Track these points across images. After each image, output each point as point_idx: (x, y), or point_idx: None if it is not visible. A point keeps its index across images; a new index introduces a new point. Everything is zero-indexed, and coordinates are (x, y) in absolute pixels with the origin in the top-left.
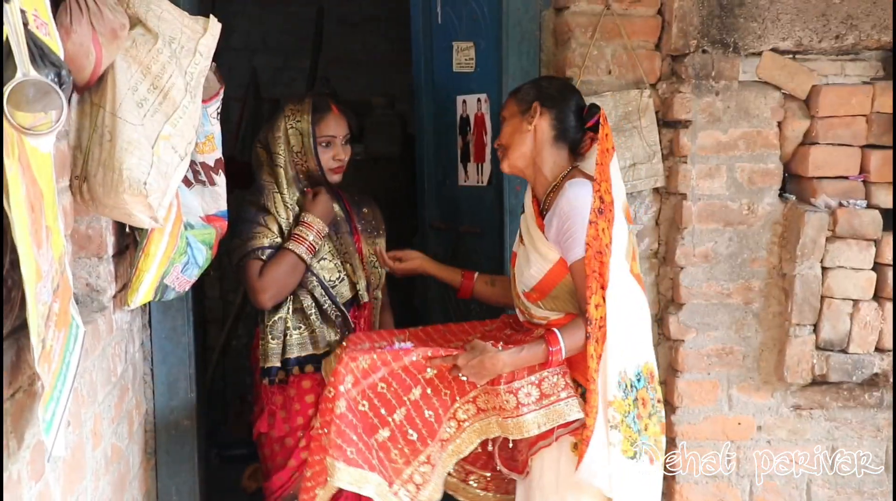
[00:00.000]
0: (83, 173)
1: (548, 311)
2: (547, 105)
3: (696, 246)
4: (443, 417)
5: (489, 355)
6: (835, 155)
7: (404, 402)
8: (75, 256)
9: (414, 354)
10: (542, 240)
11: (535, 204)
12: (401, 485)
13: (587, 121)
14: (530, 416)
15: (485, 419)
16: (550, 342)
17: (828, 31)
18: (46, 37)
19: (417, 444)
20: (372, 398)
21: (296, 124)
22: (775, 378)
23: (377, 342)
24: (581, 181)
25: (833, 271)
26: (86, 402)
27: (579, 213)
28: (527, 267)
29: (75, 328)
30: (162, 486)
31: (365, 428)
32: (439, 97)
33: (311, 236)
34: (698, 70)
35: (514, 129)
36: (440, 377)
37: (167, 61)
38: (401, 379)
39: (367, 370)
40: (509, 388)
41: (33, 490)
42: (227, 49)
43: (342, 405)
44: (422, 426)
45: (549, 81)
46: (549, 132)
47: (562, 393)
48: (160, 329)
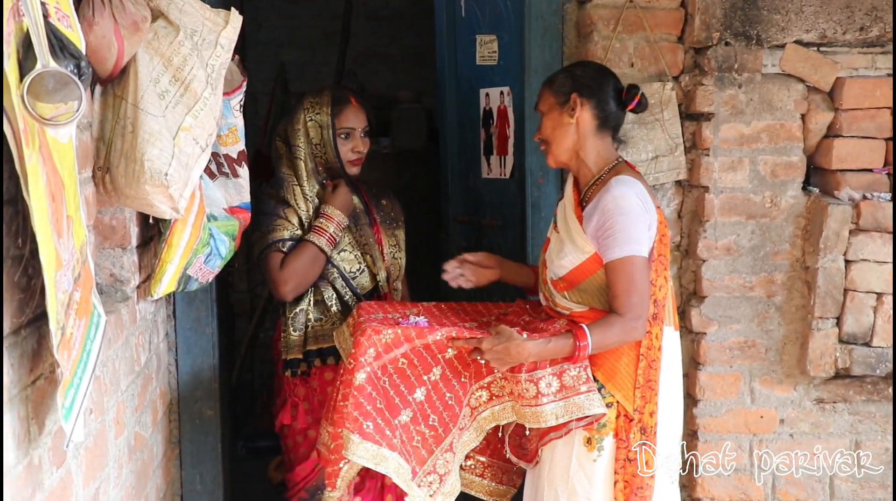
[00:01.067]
0: (106, 164)
1: (573, 303)
2: (586, 95)
3: (718, 239)
4: (463, 400)
5: (515, 342)
6: (859, 148)
7: (424, 382)
8: (99, 246)
9: (438, 332)
10: (579, 232)
11: (575, 193)
12: (423, 476)
13: (628, 103)
14: (549, 406)
15: (497, 406)
16: (578, 337)
17: (852, 22)
18: (68, 29)
19: (440, 429)
20: (392, 373)
21: (315, 117)
22: (798, 372)
23: (390, 312)
24: (626, 180)
25: (856, 264)
26: (108, 390)
27: (623, 212)
28: (559, 256)
29: (97, 317)
30: (186, 475)
31: (387, 406)
32: (463, 90)
33: (331, 227)
34: (721, 62)
35: (555, 123)
36: (459, 359)
37: (189, 54)
38: (422, 357)
39: (390, 345)
40: (531, 377)
41: (55, 476)
42: (255, 43)
43: (361, 376)
44: (443, 409)
45: (583, 67)
46: (592, 122)
47: (582, 387)
48: (184, 320)
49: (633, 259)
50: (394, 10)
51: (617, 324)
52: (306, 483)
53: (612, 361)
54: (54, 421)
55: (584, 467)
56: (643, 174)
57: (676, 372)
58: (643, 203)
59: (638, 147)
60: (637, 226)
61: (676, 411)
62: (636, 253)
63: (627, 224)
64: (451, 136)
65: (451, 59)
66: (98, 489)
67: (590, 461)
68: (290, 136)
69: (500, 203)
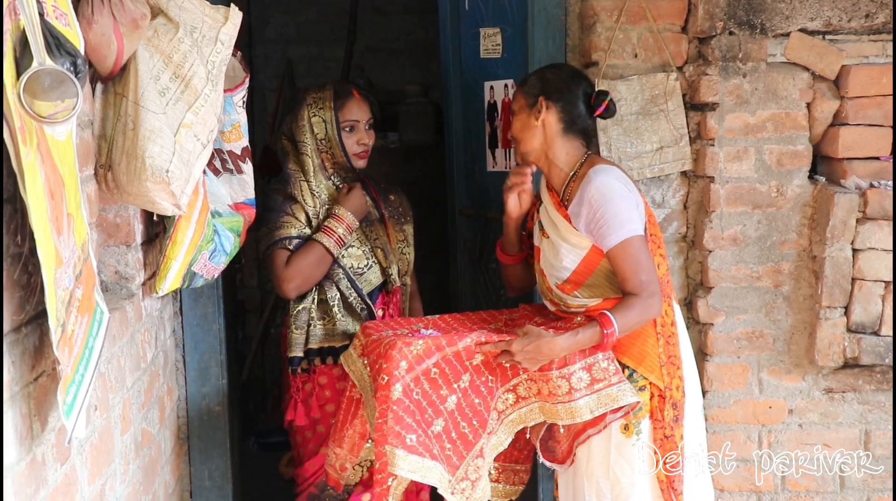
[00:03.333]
0: (107, 162)
1: (585, 299)
2: (552, 99)
3: (724, 229)
4: (490, 405)
5: (546, 340)
6: (865, 136)
7: (455, 390)
8: (104, 244)
9: (467, 338)
10: (570, 230)
11: (552, 194)
12: (456, 483)
13: (595, 109)
14: (583, 401)
15: (524, 407)
16: (604, 325)
17: (857, 10)
18: (66, 27)
19: (470, 436)
20: (424, 384)
21: (318, 112)
22: (806, 361)
23: (396, 329)
24: (603, 168)
25: (864, 253)
26: (114, 387)
27: (609, 199)
28: (556, 259)
29: (99, 314)
30: (195, 471)
31: (422, 417)
32: (467, 84)
33: (340, 229)
34: (725, 52)
35: (523, 124)
36: (485, 364)
37: (189, 50)
38: (452, 365)
39: (421, 355)
40: (562, 373)
41: (58, 473)
42: (262, 40)
43: (398, 389)
44: (473, 416)
45: (554, 71)
46: (557, 125)
47: (612, 378)
48: (191, 316)
49: (632, 240)
50: (400, 5)
51: (636, 304)
52: (316, 479)
53: (638, 344)
54: (57, 418)
55: (624, 453)
56: (647, 166)
57: (687, 346)
58: (625, 185)
59: (643, 138)
60: (626, 208)
61: (695, 383)
62: (633, 233)
63: (616, 209)
64: (456, 129)
65: (455, 52)
66: (104, 485)
67: (629, 446)
68: (294, 132)
69: None
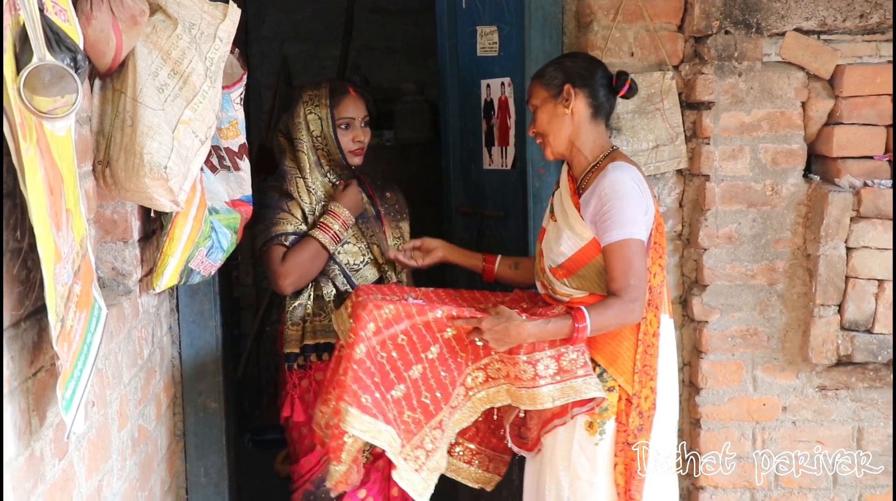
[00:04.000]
0: (106, 158)
1: (572, 289)
2: (579, 85)
3: (719, 227)
4: (457, 380)
5: (515, 323)
6: (859, 135)
7: (422, 359)
8: (101, 240)
9: (438, 310)
10: (577, 218)
11: (570, 181)
12: (411, 450)
13: (618, 90)
14: (546, 389)
15: (493, 388)
16: (577, 319)
17: (852, 10)
18: (65, 23)
19: (431, 407)
20: (391, 349)
21: (314, 109)
22: (800, 359)
23: (388, 295)
24: (623, 165)
25: (857, 251)
26: (111, 383)
27: (620, 196)
28: (556, 243)
29: (97, 310)
30: (191, 467)
31: (382, 380)
32: (464, 82)
33: (336, 225)
34: (721, 51)
35: (551, 115)
36: (457, 339)
37: (187, 47)
38: (421, 335)
39: (391, 320)
40: (529, 358)
41: (57, 468)
42: (258, 38)
43: (362, 350)
44: (436, 387)
45: (571, 59)
46: (586, 111)
47: (579, 371)
48: (188, 313)
49: (631, 242)
50: (397, 3)
51: (615, 306)
52: (311, 475)
53: (613, 345)
54: (55, 413)
55: (586, 450)
56: (643, 164)
57: (672, 360)
58: (639, 187)
59: (639, 137)
60: (634, 209)
61: (672, 398)
62: (633, 236)
63: (624, 208)
64: (453, 127)
65: (452, 50)
66: (101, 480)
67: (591, 444)
68: (291, 129)
69: (501, 194)
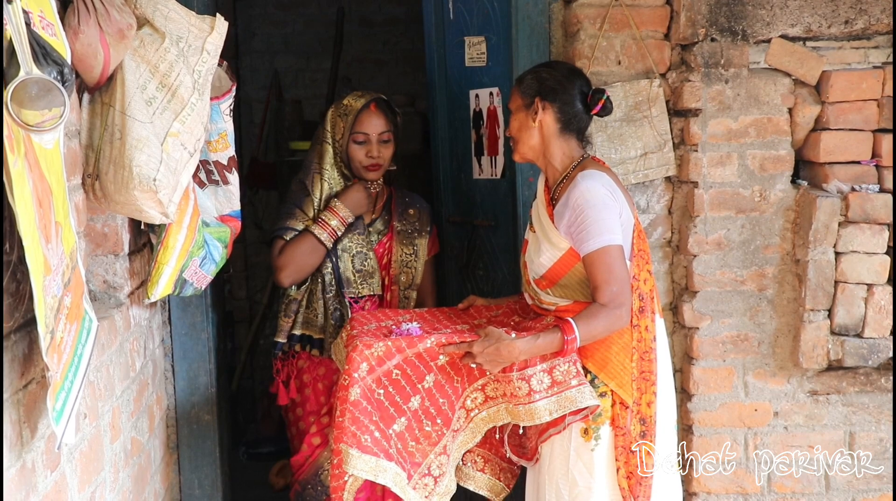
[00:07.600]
0: (95, 171)
1: (556, 298)
2: (549, 99)
3: (708, 234)
4: (455, 405)
5: (505, 343)
6: (846, 140)
7: (419, 390)
8: (92, 253)
9: (428, 340)
10: (552, 229)
11: (546, 193)
12: (419, 479)
13: (592, 107)
14: (542, 403)
15: (493, 407)
16: (566, 331)
17: (837, 16)
18: (53, 37)
19: (433, 434)
20: (387, 385)
21: (342, 115)
22: (791, 364)
23: (383, 320)
24: (593, 173)
25: (846, 256)
26: (103, 395)
27: (592, 205)
28: (537, 255)
29: (88, 322)
30: (185, 480)
31: (382, 417)
32: (453, 92)
33: (334, 221)
34: (707, 58)
35: (521, 123)
36: (451, 365)
37: (175, 60)
38: (415, 366)
39: (382, 358)
40: (522, 375)
41: (48, 480)
42: (249, 51)
43: (356, 391)
44: (436, 414)
45: (550, 70)
46: (555, 125)
47: (573, 381)
48: (180, 326)
49: (609, 249)
50: (387, 16)
51: (601, 314)
52: (300, 475)
53: (602, 351)
54: (47, 425)
55: (583, 457)
56: (632, 172)
57: (666, 360)
58: (611, 193)
59: (627, 145)
60: (608, 216)
61: (670, 399)
62: (610, 243)
63: (598, 216)
64: (442, 138)
65: (441, 61)
66: (94, 493)
67: (587, 450)
68: (328, 118)
69: (491, 203)
